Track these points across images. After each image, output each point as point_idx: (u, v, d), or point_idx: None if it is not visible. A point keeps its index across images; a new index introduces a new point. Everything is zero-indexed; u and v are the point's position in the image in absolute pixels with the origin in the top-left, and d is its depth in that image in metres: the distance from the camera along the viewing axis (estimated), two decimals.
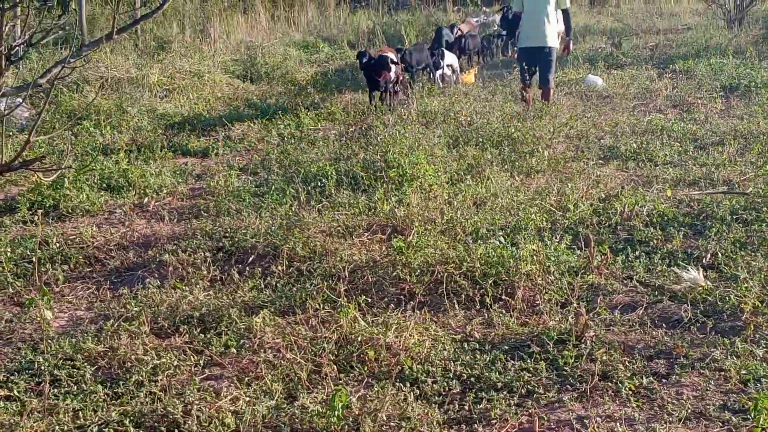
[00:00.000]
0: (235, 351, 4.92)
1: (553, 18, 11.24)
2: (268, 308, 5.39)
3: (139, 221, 7.39)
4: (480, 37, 16.73)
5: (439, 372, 4.63)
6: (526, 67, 11.51)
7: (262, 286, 5.85)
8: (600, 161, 8.95)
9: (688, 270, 5.71)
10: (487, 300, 5.51)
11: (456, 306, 5.51)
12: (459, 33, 15.24)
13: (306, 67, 16.31)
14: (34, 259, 6.06)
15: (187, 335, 5.10)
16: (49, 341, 4.96)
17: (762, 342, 4.85)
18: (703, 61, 14.91)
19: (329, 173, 8.02)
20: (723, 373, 4.55)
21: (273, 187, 7.92)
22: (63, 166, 6.99)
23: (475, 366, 4.68)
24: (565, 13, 11.55)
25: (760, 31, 17.21)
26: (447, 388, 4.49)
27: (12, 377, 4.64)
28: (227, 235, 6.74)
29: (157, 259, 6.38)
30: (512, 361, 4.72)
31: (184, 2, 19.00)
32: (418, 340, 4.93)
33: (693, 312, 5.26)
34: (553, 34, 11.27)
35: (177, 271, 6.09)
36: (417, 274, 5.78)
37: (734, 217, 6.77)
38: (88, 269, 6.39)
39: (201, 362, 4.80)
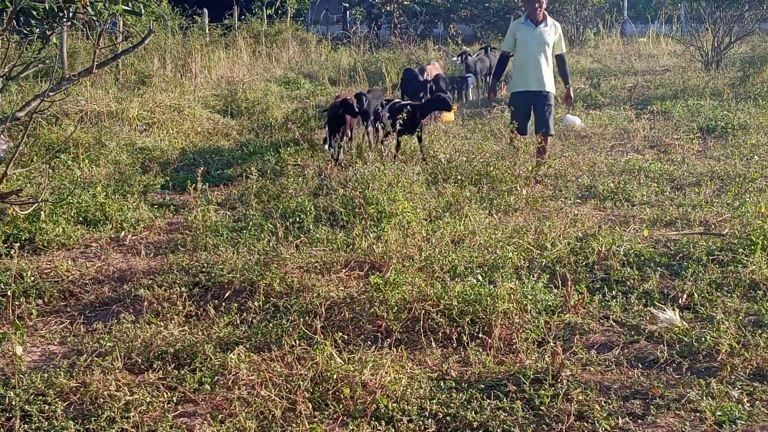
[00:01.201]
0: (209, 387, 4.87)
1: (550, 62, 10.44)
2: (243, 344, 5.35)
3: (115, 255, 7.34)
4: (450, 78, 16.49)
5: (414, 411, 4.60)
6: (519, 115, 10.40)
7: (238, 321, 5.81)
8: (577, 200, 9.00)
9: (664, 310, 5.72)
10: (464, 338, 5.49)
11: (433, 343, 5.49)
12: (427, 76, 14.61)
13: (287, 103, 16.36)
14: (8, 292, 6.00)
15: (161, 371, 5.05)
16: (21, 376, 4.88)
17: (738, 383, 4.86)
18: (680, 102, 15.09)
19: (308, 209, 8.01)
20: (698, 414, 4.55)
21: (251, 222, 7.90)
22: (40, 200, 6.94)
23: (451, 405, 4.65)
24: (561, 58, 10.62)
25: (737, 74, 17.44)
26: (422, 427, 4.46)
27: None
28: (204, 270, 6.70)
29: (133, 294, 6.32)
30: (488, 400, 4.70)
31: (166, 37, 19.03)
32: (395, 377, 4.90)
33: (669, 352, 5.27)
34: (551, 78, 10.44)
35: (152, 306, 6.05)
36: (394, 311, 5.76)
37: (710, 257, 6.81)
38: (62, 303, 6.33)
39: (174, 399, 4.74)
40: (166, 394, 4.78)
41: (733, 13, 19.74)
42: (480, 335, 5.55)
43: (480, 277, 6.20)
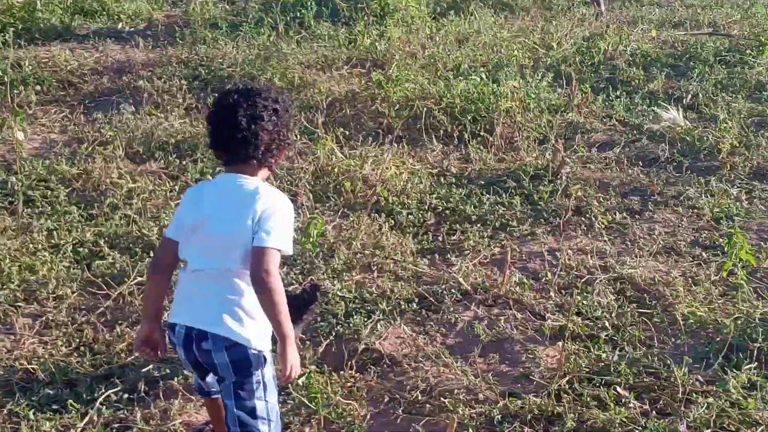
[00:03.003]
0: (210, 178, 4.88)
1: None
2: None
3: (113, 47, 7.18)
4: None
5: (414, 204, 4.65)
6: None
7: None
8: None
9: (668, 110, 5.67)
10: (466, 136, 5.47)
11: (434, 141, 5.48)
12: None
13: None
14: (6, 79, 5.90)
15: (163, 161, 5.06)
16: (23, 162, 4.90)
17: (737, 181, 4.89)
18: None
19: (309, 3, 7.79)
20: (696, 210, 4.60)
21: (250, 16, 7.71)
22: None
23: (451, 199, 4.70)
24: None
25: None
26: (422, 220, 4.52)
27: None
28: (203, 63, 6.60)
29: (132, 86, 6.25)
30: (488, 195, 4.74)
31: None
32: (395, 173, 4.92)
33: (670, 151, 5.27)
34: None
35: (152, 98, 5.98)
36: (396, 108, 5.72)
37: (717, 58, 6.69)
38: (61, 93, 6.25)
39: (176, 187, 4.77)
40: (169, 182, 4.82)
41: None
42: (481, 133, 5.53)
43: (483, 76, 6.10)
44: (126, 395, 3.12)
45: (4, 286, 3.78)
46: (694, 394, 3.03)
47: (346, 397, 3.10)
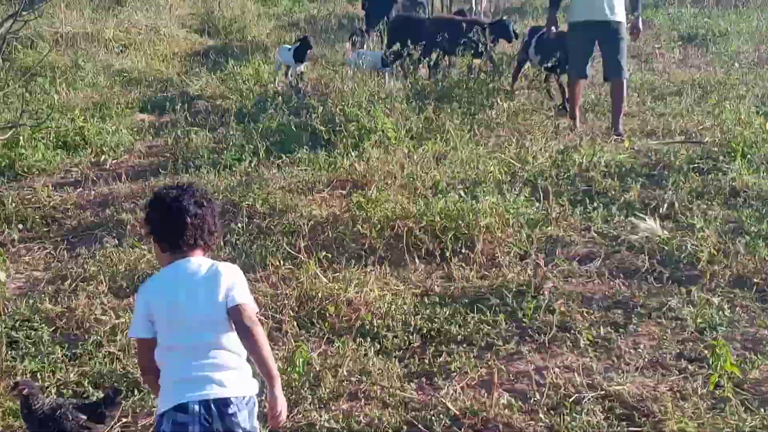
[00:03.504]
0: None
1: None
2: None
3: (96, 180, 7.27)
4: None
5: (399, 326, 4.65)
6: (577, 54, 8.24)
7: (222, 243, 5.81)
8: (559, 113, 8.94)
9: (645, 220, 5.74)
10: (447, 254, 5.52)
11: (416, 260, 5.52)
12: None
13: (265, 20, 16.08)
14: None
15: None
16: (6, 303, 4.90)
17: (718, 290, 4.92)
18: (661, 11, 14.93)
19: (288, 128, 7.94)
20: (680, 321, 4.61)
21: (231, 143, 7.84)
22: (18, 124, 6.85)
23: (435, 320, 4.71)
24: None
25: None
26: (407, 342, 4.52)
27: None
28: None
29: (115, 218, 6.31)
30: (472, 314, 4.75)
31: None
32: (379, 294, 4.94)
33: (650, 262, 5.31)
34: (620, 3, 8.05)
35: (135, 230, 6.03)
36: (377, 228, 5.76)
37: (691, 166, 6.81)
38: (44, 229, 6.31)
39: None
40: None
41: None
42: (463, 250, 5.58)
43: (462, 193, 6.19)
44: None
45: None
46: None
47: None
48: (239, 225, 5.98)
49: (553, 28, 8.47)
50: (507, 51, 10.51)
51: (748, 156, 6.85)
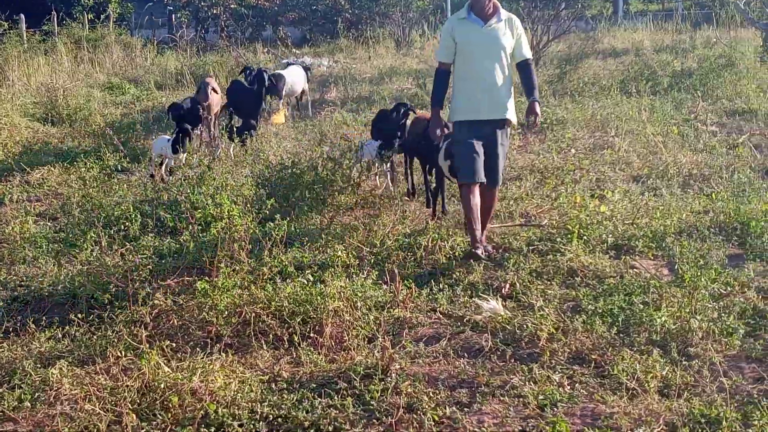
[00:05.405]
0: (29, 405, 4.69)
1: (509, 73, 7.39)
2: (66, 358, 5.16)
3: None
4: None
5: (245, 414, 4.56)
6: (466, 156, 7.13)
7: (60, 335, 5.59)
8: (406, 198, 9.11)
9: (488, 300, 5.89)
10: (296, 338, 5.48)
11: (264, 346, 5.46)
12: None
13: (111, 109, 15.85)
14: None
15: None
16: None
17: (558, 367, 5.06)
18: None
19: (133, 216, 7.78)
20: (522, 399, 4.70)
21: (72, 233, 7.61)
22: None
23: (282, 406, 4.64)
24: (526, 65, 7.42)
25: (555, 71, 18.11)
26: (253, 430, 4.42)
27: None
28: (23, 283, 6.43)
29: None
30: (320, 399, 4.71)
31: None
32: (224, 383, 4.83)
33: (493, 341, 5.44)
34: (510, 99, 7.43)
35: None
36: (224, 315, 5.69)
37: (531, 248, 7.05)
38: None
39: None
40: None
41: (550, 12, 20.46)
42: (311, 335, 5.56)
43: (310, 277, 6.18)
44: None
45: None
46: None
47: None
48: (78, 316, 5.74)
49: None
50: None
51: (584, 237, 7.15)
